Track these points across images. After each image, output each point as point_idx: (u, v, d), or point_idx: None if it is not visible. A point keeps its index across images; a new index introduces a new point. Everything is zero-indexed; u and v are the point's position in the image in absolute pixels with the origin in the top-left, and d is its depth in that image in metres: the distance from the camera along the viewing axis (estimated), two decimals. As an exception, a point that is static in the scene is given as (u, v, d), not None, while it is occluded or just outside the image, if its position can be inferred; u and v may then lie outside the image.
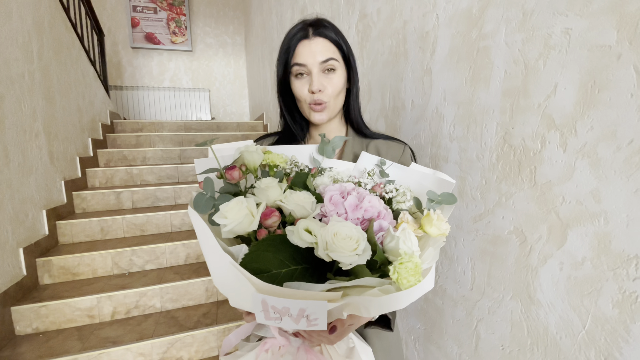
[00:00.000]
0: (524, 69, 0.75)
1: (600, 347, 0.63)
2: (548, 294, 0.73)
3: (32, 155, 1.93)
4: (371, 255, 0.42)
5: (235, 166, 0.50)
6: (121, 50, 5.05)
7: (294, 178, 0.54)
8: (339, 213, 0.45)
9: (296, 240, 0.40)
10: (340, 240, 0.39)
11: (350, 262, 0.39)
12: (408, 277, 0.39)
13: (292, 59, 0.68)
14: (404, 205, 0.52)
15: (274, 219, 0.44)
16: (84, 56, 3.04)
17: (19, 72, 1.86)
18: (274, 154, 0.56)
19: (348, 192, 0.47)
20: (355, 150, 0.74)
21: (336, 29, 0.70)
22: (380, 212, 0.47)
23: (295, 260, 0.43)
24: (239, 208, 0.42)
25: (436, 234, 0.48)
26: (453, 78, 0.96)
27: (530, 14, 0.73)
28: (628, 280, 0.59)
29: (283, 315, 0.37)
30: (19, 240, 1.74)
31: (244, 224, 0.42)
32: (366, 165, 0.63)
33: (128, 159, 3.19)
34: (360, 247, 0.40)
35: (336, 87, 0.68)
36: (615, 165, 0.59)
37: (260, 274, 0.40)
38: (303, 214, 0.46)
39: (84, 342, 1.56)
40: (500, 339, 0.86)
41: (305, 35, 0.67)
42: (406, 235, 0.43)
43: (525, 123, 0.75)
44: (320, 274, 0.45)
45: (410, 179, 0.59)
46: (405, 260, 0.40)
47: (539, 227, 0.74)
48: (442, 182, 0.56)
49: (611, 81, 0.59)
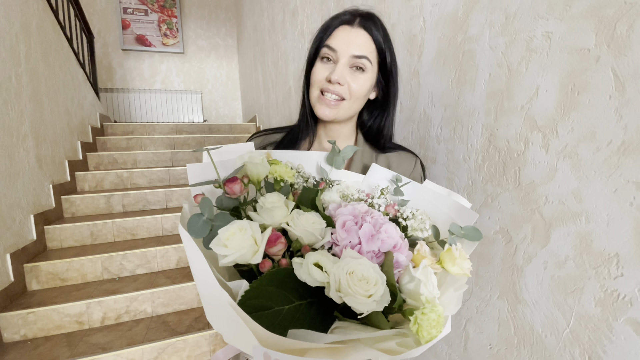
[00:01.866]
0: (507, 71, 0.76)
1: (584, 345, 0.65)
2: (533, 293, 0.74)
3: (19, 159, 1.90)
4: (390, 301, 0.37)
5: (236, 178, 0.43)
6: (111, 52, 5.00)
7: (301, 194, 0.48)
8: (352, 243, 0.40)
9: (305, 276, 0.36)
10: (355, 282, 0.34)
11: (366, 310, 0.34)
12: (430, 329, 0.35)
13: (326, 40, 0.61)
14: (421, 233, 0.47)
15: (280, 247, 0.39)
16: (73, 58, 3.01)
17: (6, 75, 1.84)
18: (281, 165, 0.49)
19: (362, 216, 0.42)
20: (364, 161, 0.68)
21: (386, 33, 0.63)
22: (397, 243, 0.41)
23: (299, 294, 0.39)
24: (243, 236, 0.36)
25: (457, 273, 0.43)
26: (440, 80, 0.97)
27: (512, 17, 0.74)
28: (609, 278, 0.60)
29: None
30: (6, 246, 1.71)
31: (247, 255, 0.36)
32: (377, 179, 0.58)
33: (118, 162, 3.15)
34: (378, 293, 0.35)
35: (360, 88, 0.61)
36: (595, 166, 0.60)
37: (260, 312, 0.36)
38: (311, 240, 0.41)
39: (73, 349, 1.54)
40: (488, 338, 0.87)
41: (350, 21, 0.60)
42: (427, 277, 0.38)
43: (509, 125, 0.77)
44: (326, 309, 0.40)
45: (424, 199, 0.55)
46: (427, 310, 0.35)
47: (523, 227, 0.75)
48: (462, 209, 0.51)
49: (590, 83, 0.60)
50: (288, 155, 0.57)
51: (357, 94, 0.62)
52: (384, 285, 0.36)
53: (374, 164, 0.60)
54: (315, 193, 0.47)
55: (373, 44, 0.61)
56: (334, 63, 0.60)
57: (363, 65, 0.60)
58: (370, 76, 0.62)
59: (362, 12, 0.63)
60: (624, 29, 0.55)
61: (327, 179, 0.56)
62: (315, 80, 0.62)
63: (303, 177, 0.53)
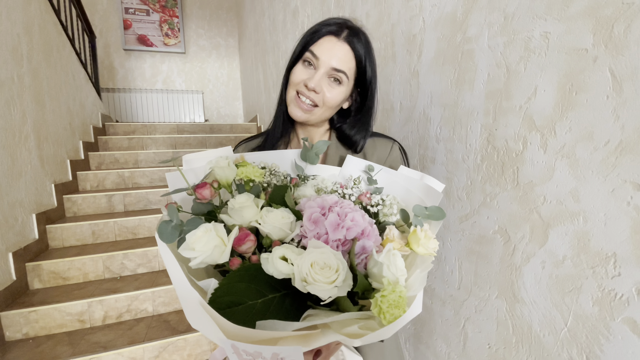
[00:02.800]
0: (506, 71, 0.76)
1: (582, 344, 0.65)
2: (531, 293, 0.74)
3: (21, 159, 1.91)
4: (352, 286, 0.38)
5: (205, 183, 0.45)
6: (113, 53, 5.01)
7: (272, 192, 0.49)
8: (319, 233, 0.42)
9: (271, 270, 0.37)
10: (318, 271, 0.36)
11: (328, 296, 0.36)
12: (391, 310, 0.36)
13: (311, 45, 0.63)
14: (391, 218, 0.49)
15: (249, 245, 0.40)
16: (75, 58, 3.02)
17: (8, 75, 1.85)
18: (249, 166, 0.50)
19: (330, 207, 0.44)
20: (340, 153, 0.71)
21: (369, 49, 0.66)
22: (364, 229, 0.43)
23: (272, 287, 0.40)
24: (208, 238, 0.38)
25: (424, 253, 0.45)
26: (439, 80, 0.98)
27: (511, 18, 0.74)
28: (607, 278, 0.60)
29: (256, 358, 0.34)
30: (8, 245, 1.72)
31: (214, 255, 0.38)
32: (352, 170, 0.60)
33: (120, 162, 3.16)
34: (339, 279, 0.36)
35: (333, 99, 0.64)
36: (592, 166, 0.61)
37: (233, 307, 0.37)
38: (281, 236, 0.42)
39: (74, 347, 1.54)
40: (487, 338, 0.87)
41: (337, 33, 0.63)
42: (391, 260, 0.39)
43: (507, 125, 0.77)
44: (299, 300, 0.41)
45: (398, 185, 0.57)
46: (387, 292, 0.36)
47: (521, 226, 0.75)
48: (430, 190, 0.53)
49: (588, 84, 0.61)
50: (263, 156, 0.59)
51: (330, 104, 0.65)
52: (345, 270, 0.37)
53: (348, 155, 0.62)
54: (285, 190, 0.49)
55: (354, 59, 0.64)
56: (314, 69, 0.64)
57: (340, 78, 0.63)
58: (345, 89, 0.65)
59: (350, 25, 0.65)
60: (621, 29, 0.55)
61: (303, 175, 0.57)
62: (294, 81, 0.65)
63: (278, 176, 0.55)
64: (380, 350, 0.72)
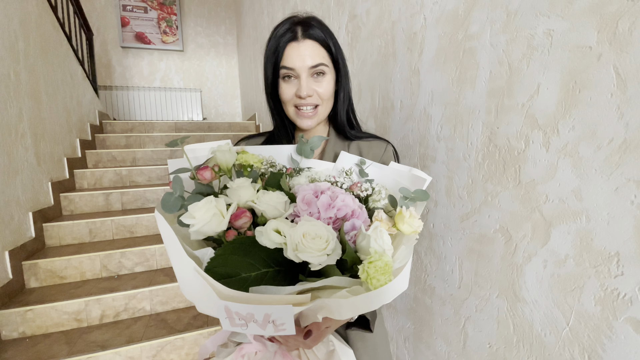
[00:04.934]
0: (508, 69, 0.76)
1: (584, 343, 0.64)
2: (533, 292, 0.74)
3: (17, 156, 1.89)
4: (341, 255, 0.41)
5: (207, 166, 0.48)
6: (111, 50, 4.98)
7: (269, 178, 0.52)
8: (311, 213, 0.45)
9: (265, 241, 0.40)
10: (309, 240, 0.38)
11: (319, 263, 0.38)
12: (377, 276, 0.38)
13: (281, 62, 0.65)
14: (379, 203, 0.52)
15: (245, 220, 0.43)
16: (72, 56, 2.99)
17: (5, 72, 1.83)
18: (248, 154, 0.54)
19: (322, 191, 0.46)
20: (336, 150, 0.73)
21: (325, 29, 0.67)
22: (354, 210, 0.46)
23: (266, 262, 0.42)
24: (208, 208, 0.40)
25: (409, 232, 0.48)
26: (440, 78, 0.97)
27: (513, 15, 0.73)
28: (609, 277, 0.60)
29: (248, 321, 0.36)
30: (5, 243, 1.70)
31: (212, 224, 0.40)
32: (345, 165, 0.62)
33: (117, 160, 3.14)
34: (329, 247, 0.39)
35: (326, 91, 0.67)
36: (595, 164, 0.60)
37: (227, 278, 0.39)
38: (275, 215, 0.45)
39: (71, 347, 1.53)
40: (487, 337, 0.87)
41: (294, 37, 0.64)
42: (378, 234, 0.42)
43: (509, 123, 0.76)
44: (292, 276, 0.44)
45: (388, 178, 0.59)
46: (374, 259, 0.39)
47: (523, 225, 0.75)
48: (416, 179, 0.56)
49: (592, 81, 0.60)
50: (261, 150, 0.61)
51: (326, 96, 0.68)
52: (334, 240, 0.40)
53: (342, 151, 0.65)
54: (281, 176, 0.52)
55: (321, 47, 0.66)
56: (296, 78, 0.66)
57: (322, 70, 0.66)
58: (331, 76, 0.68)
59: (298, 20, 0.66)
60: (626, 27, 0.54)
61: (298, 168, 0.60)
62: (287, 99, 0.68)
63: (273, 166, 0.57)
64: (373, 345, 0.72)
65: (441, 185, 0.99)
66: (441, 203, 1.00)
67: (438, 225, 1.02)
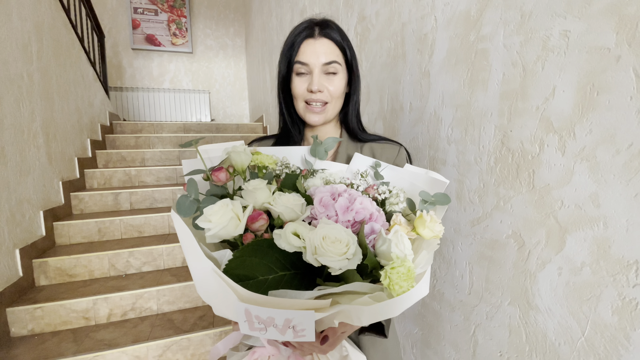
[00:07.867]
0: (522, 71, 0.74)
1: (600, 354, 0.62)
2: (546, 300, 0.72)
3: (30, 156, 1.92)
4: (362, 259, 0.40)
5: (222, 167, 0.48)
6: (121, 52, 5.05)
7: (284, 180, 0.52)
8: (329, 215, 0.44)
9: (284, 244, 0.39)
10: (329, 244, 0.37)
11: (339, 267, 0.37)
12: (400, 282, 0.37)
13: (295, 57, 0.67)
14: (397, 207, 0.51)
15: (262, 223, 0.42)
16: (84, 57, 3.04)
17: (18, 73, 1.86)
18: (262, 154, 0.54)
19: (339, 193, 0.46)
20: (349, 152, 0.73)
21: (342, 33, 0.69)
22: (372, 214, 0.45)
23: (284, 265, 0.41)
24: (224, 211, 0.40)
25: (429, 236, 0.47)
26: (451, 80, 0.95)
27: (528, 16, 0.72)
28: (628, 286, 0.57)
29: (268, 325, 0.35)
30: (16, 241, 1.73)
31: (229, 228, 0.39)
32: (359, 166, 0.62)
33: (127, 160, 3.18)
34: (350, 251, 0.38)
35: (337, 89, 0.68)
36: (614, 169, 0.58)
37: (245, 281, 0.38)
38: (292, 217, 0.44)
39: (79, 345, 1.54)
40: (498, 345, 0.85)
41: (311, 34, 0.66)
42: (399, 238, 0.41)
43: (523, 126, 0.74)
44: (310, 280, 0.43)
45: (404, 180, 0.58)
46: (397, 264, 0.38)
47: (537, 231, 0.73)
48: (435, 182, 0.55)
49: (610, 84, 0.58)
50: (275, 151, 0.61)
51: (336, 94, 0.69)
52: (354, 245, 0.39)
53: (356, 152, 0.64)
54: (297, 177, 0.51)
55: (336, 46, 0.68)
56: (309, 74, 0.67)
57: (335, 69, 0.67)
58: (343, 75, 0.69)
59: (317, 21, 0.69)
60: (647, 27, 0.53)
61: (312, 169, 0.59)
62: (298, 94, 0.69)
63: (288, 167, 0.57)
64: (384, 350, 0.71)
65: (452, 189, 0.98)
66: (451, 207, 0.98)
67: (448, 229, 1.00)
